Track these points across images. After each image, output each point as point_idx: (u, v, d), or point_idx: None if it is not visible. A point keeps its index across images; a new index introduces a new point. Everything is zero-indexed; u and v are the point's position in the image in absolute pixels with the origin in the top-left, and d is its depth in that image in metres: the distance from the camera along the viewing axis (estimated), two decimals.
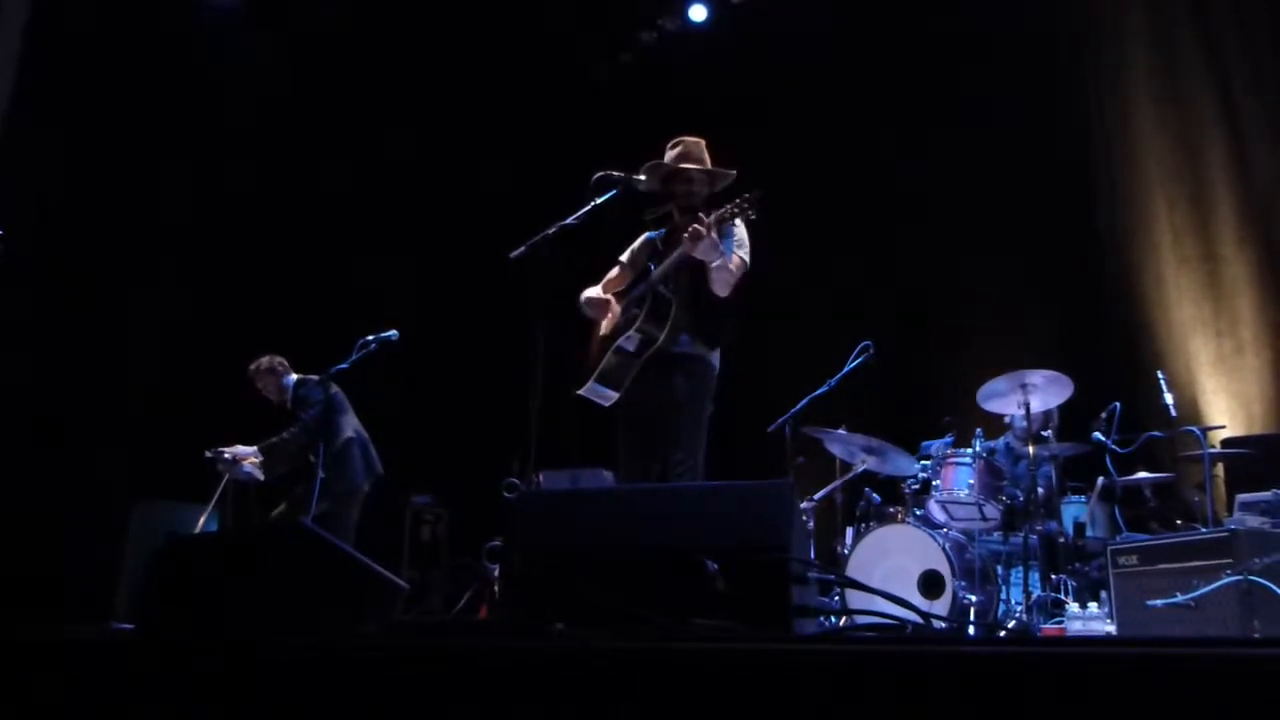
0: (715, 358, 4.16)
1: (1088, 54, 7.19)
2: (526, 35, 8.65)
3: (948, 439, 5.67)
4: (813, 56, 7.78)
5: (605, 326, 4.18)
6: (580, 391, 4.03)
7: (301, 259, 8.06)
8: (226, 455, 5.90)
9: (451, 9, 8.50)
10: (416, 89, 8.63)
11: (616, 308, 4.23)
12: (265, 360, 6.30)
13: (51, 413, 6.72)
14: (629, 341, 3.97)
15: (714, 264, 3.89)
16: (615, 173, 4.01)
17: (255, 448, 5.95)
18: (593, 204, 3.91)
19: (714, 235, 3.82)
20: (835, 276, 7.55)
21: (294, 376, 6.30)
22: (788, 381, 5.85)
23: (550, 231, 3.80)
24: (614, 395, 3.99)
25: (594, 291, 4.28)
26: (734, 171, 4.24)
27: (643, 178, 4.19)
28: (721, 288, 3.99)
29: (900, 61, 7.51)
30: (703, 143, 4.30)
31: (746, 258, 4.12)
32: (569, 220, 3.86)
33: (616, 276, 4.37)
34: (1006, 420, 5.90)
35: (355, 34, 8.45)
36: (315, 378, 6.10)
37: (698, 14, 8.71)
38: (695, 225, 3.82)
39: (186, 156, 7.66)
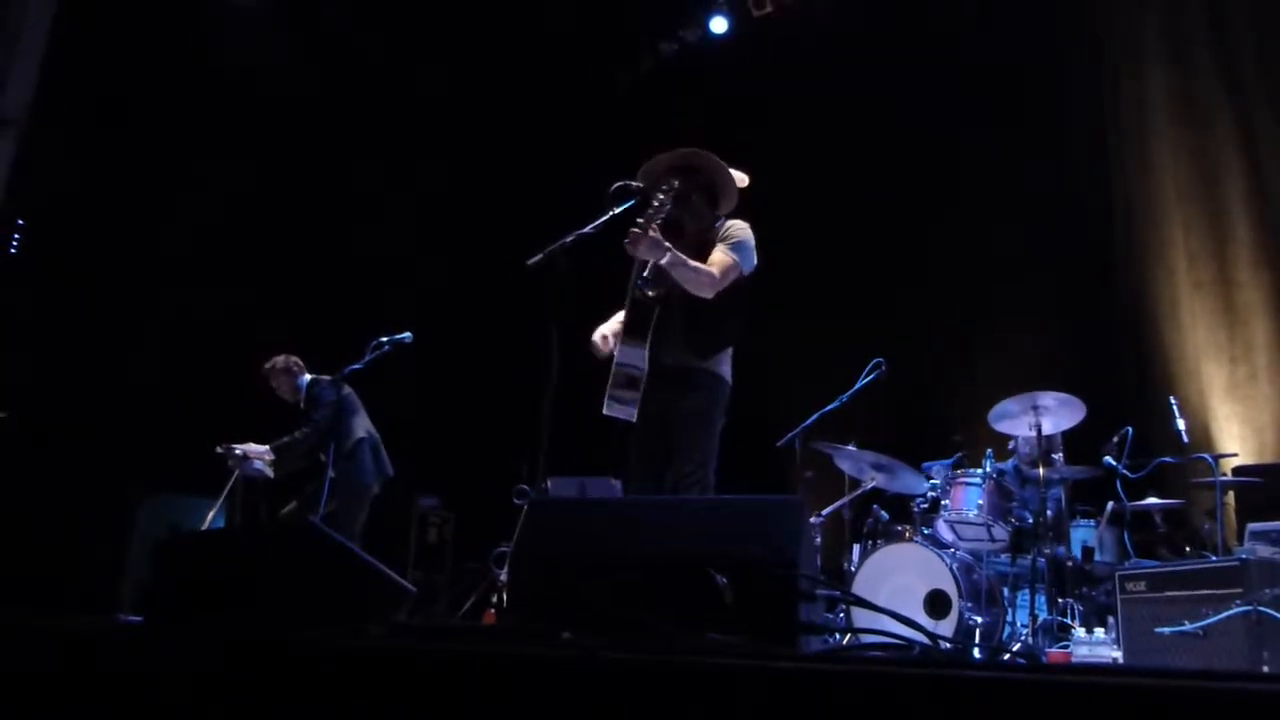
0: (726, 370, 4.06)
1: (1104, 76, 7.19)
2: (546, 42, 8.68)
3: (957, 458, 5.66)
4: (833, 72, 7.80)
5: (610, 344, 4.08)
6: (605, 410, 3.98)
7: (318, 258, 8.10)
8: (237, 451, 5.93)
9: (473, 15, 8.54)
10: (436, 93, 8.68)
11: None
12: (280, 360, 6.34)
13: (61, 404, 6.77)
14: (624, 355, 3.89)
15: (663, 261, 3.72)
16: (634, 183, 3.97)
17: (267, 446, 5.98)
18: (611, 214, 3.87)
19: (654, 234, 3.67)
20: (850, 292, 7.55)
21: (308, 376, 6.33)
22: (799, 396, 5.84)
23: (568, 240, 3.76)
24: (633, 409, 3.89)
25: (599, 332, 4.16)
26: (712, 157, 4.03)
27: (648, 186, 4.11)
28: (698, 288, 3.82)
29: (921, 82, 7.51)
30: (681, 149, 4.11)
31: (744, 261, 3.96)
32: (586, 229, 3.81)
33: None
34: (1011, 446, 5.88)
35: (374, 40, 8.51)
36: (329, 378, 6.13)
37: (719, 26, 8.74)
38: (632, 228, 3.69)
39: (207, 152, 7.71)
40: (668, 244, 3.72)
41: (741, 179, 4.11)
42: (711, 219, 4.05)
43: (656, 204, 3.75)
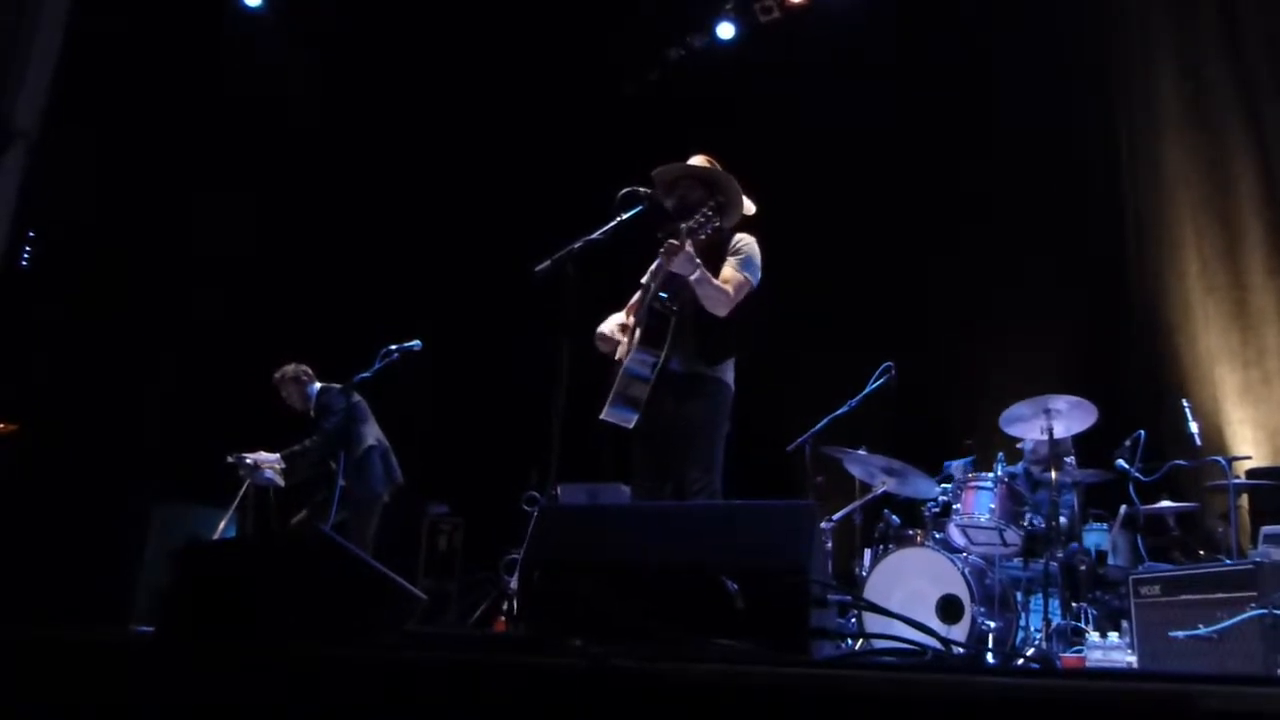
0: (730, 377, 4.08)
1: (1116, 81, 7.17)
2: (553, 50, 8.70)
3: (968, 461, 5.64)
4: (840, 78, 7.79)
5: (620, 350, 4.12)
6: (602, 416, 3.98)
7: (328, 267, 8.13)
8: (248, 460, 5.95)
9: (481, 23, 8.57)
10: (447, 100, 8.70)
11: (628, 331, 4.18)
12: (290, 368, 6.35)
13: (74, 413, 6.79)
14: (636, 362, 3.90)
15: (692, 277, 3.77)
16: (642, 189, 3.98)
17: (278, 455, 5.99)
18: (618, 219, 3.88)
19: (689, 248, 3.71)
20: (859, 297, 7.53)
21: (318, 385, 6.35)
22: (809, 400, 5.83)
23: (575, 246, 3.77)
24: (634, 416, 3.91)
25: (605, 326, 4.23)
26: (730, 176, 4.08)
27: (661, 193, 4.14)
28: (715, 306, 3.87)
29: (930, 87, 7.50)
30: (704, 158, 4.18)
31: (753, 277, 4.02)
32: (594, 235, 3.82)
33: (637, 300, 4.29)
34: (1019, 446, 5.85)
35: (386, 48, 8.55)
36: (338, 386, 6.14)
37: (725, 32, 8.74)
38: (670, 239, 3.71)
39: (219, 163, 7.75)
40: (699, 261, 3.77)
41: (750, 207, 4.15)
42: (718, 233, 4.07)
43: (700, 220, 3.77)
